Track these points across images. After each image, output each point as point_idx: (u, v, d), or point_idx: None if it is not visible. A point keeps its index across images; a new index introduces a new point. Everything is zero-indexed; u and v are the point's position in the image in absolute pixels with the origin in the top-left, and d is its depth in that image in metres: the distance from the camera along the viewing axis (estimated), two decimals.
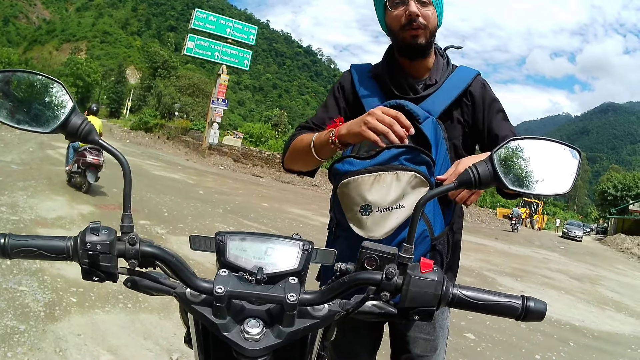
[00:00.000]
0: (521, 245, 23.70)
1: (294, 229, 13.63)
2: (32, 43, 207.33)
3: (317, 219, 16.94)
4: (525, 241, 26.89)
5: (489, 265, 13.99)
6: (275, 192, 25.04)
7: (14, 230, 7.98)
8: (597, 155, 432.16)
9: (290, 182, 33.73)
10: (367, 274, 1.16)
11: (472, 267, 12.99)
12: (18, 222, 8.54)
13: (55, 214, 9.82)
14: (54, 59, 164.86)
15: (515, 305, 1.16)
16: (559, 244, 30.62)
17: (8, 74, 1.31)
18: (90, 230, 1.14)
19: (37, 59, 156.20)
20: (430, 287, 1.12)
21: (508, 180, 1.22)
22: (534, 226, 53.09)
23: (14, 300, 5.27)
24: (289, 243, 1.26)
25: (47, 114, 1.28)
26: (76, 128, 1.26)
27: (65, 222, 9.21)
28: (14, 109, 1.30)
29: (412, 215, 1.20)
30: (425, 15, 2.13)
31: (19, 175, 14.00)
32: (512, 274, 13.39)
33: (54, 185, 13.36)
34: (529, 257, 19.20)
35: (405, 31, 2.15)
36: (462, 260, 9.64)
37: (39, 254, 1.15)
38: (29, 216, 9.12)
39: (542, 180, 1.25)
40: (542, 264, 17.65)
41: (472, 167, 1.23)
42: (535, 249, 23.58)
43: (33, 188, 12.12)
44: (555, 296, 11.38)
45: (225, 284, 1.10)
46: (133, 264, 1.16)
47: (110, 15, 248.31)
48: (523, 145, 1.25)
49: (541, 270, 15.63)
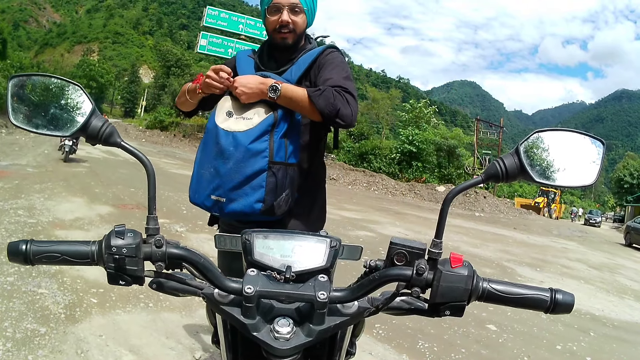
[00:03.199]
0: (539, 235, 23.55)
1: None
2: (43, 46, 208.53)
3: (336, 213, 16.99)
4: (544, 230, 26.70)
5: (508, 256, 13.89)
6: None
7: (31, 233, 8.02)
8: (612, 143, 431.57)
9: None
10: (398, 270, 1.15)
11: (492, 258, 12.93)
12: (36, 224, 8.57)
13: (73, 215, 9.84)
14: (66, 61, 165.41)
15: (544, 298, 1.16)
16: (577, 232, 30.39)
17: (23, 78, 1.30)
18: (115, 233, 1.13)
19: (49, 62, 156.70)
20: (460, 282, 1.12)
21: (534, 173, 1.22)
22: (552, 215, 52.83)
23: (33, 303, 5.27)
24: (316, 240, 1.25)
25: (66, 117, 1.27)
26: (97, 130, 1.25)
27: (83, 224, 9.23)
28: (31, 113, 1.29)
29: (440, 209, 1.20)
30: (295, 21, 2.68)
31: (35, 177, 14.07)
32: (531, 264, 13.29)
33: (71, 186, 13.40)
34: (547, 246, 19.05)
35: (277, 33, 2.69)
36: (481, 250, 9.58)
37: (62, 260, 1.14)
38: (46, 219, 9.15)
39: (567, 172, 1.25)
40: (561, 253, 17.53)
41: (499, 160, 1.23)
42: (553, 238, 23.44)
43: (50, 190, 12.17)
44: (575, 286, 11.29)
45: (254, 283, 1.10)
46: (160, 266, 1.15)
47: (121, 15, 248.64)
48: (548, 137, 1.25)
49: (560, 259, 15.51)
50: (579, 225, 44.17)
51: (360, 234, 13.33)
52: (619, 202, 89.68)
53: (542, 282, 10.89)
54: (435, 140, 45.73)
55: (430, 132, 46.63)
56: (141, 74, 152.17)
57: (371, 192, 33.10)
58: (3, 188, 11.94)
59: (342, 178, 34.99)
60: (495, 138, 56.51)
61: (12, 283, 5.69)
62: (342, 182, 34.20)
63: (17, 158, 18.65)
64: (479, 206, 32.53)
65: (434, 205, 29.93)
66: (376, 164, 44.33)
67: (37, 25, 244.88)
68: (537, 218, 37.39)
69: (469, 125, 69.42)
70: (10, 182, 12.82)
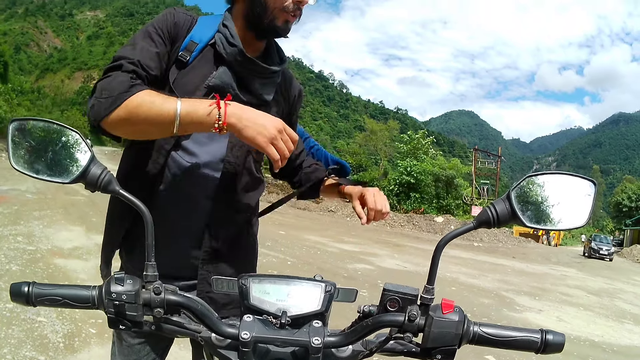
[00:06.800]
0: (538, 263, 23.53)
1: (311, 257, 13.79)
2: (44, 71, 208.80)
3: (335, 246, 17.05)
4: (543, 258, 26.68)
5: (506, 286, 13.89)
6: (292, 218, 25.01)
7: (30, 260, 8.04)
8: (610, 167, 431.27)
9: (307, 209, 33.95)
10: (390, 317, 1.18)
11: (490, 288, 12.93)
12: (35, 252, 8.58)
13: (72, 244, 9.86)
14: (66, 87, 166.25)
15: (534, 340, 1.17)
16: (576, 259, 30.32)
17: (23, 122, 1.32)
18: (115, 280, 1.15)
19: (50, 87, 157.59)
20: (451, 327, 1.14)
21: (526, 218, 1.24)
22: (551, 243, 52.59)
23: (32, 331, 5.29)
24: (311, 285, 1.26)
25: (66, 164, 1.29)
26: (96, 178, 1.27)
27: (82, 253, 9.24)
28: (31, 158, 1.30)
29: (432, 257, 1.22)
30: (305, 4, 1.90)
31: (34, 204, 14.10)
32: (530, 292, 13.31)
33: (70, 215, 13.42)
34: (546, 274, 19.08)
35: (284, 13, 1.88)
36: (480, 281, 9.65)
37: (63, 303, 1.17)
38: (45, 246, 9.17)
39: (559, 214, 1.27)
40: (560, 280, 17.57)
41: (490, 207, 1.25)
42: (552, 265, 23.44)
43: (49, 218, 12.20)
44: (574, 313, 11.29)
45: (250, 329, 1.12)
46: (159, 312, 1.17)
47: (121, 43, 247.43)
48: (539, 181, 1.27)
49: (559, 287, 15.55)
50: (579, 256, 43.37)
51: (359, 267, 13.36)
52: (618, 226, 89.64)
53: (540, 311, 10.92)
54: (433, 171, 45.86)
55: (428, 163, 46.77)
56: None
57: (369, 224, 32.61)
58: (2, 213, 11.98)
59: (341, 210, 34.92)
60: (494, 167, 56.60)
61: (12, 310, 5.71)
62: (340, 214, 34.15)
63: (17, 183, 18.74)
64: (477, 236, 32.44)
65: (432, 236, 29.97)
66: None
67: (38, 49, 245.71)
68: (536, 246, 37.31)
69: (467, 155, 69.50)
70: (9, 207, 12.86)
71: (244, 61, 1.92)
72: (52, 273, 7.78)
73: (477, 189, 50.35)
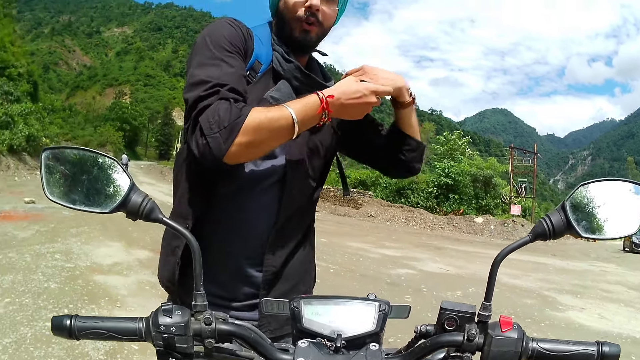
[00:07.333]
0: (578, 260, 23.29)
1: (354, 264, 13.73)
2: (74, 89, 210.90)
3: (377, 251, 17.02)
4: (582, 255, 26.39)
5: (548, 285, 13.81)
6: (332, 225, 25.01)
7: (69, 278, 8.11)
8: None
9: (347, 215, 34.08)
10: (449, 337, 1.17)
11: (532, 288, 12.84)
12: (73, 269, 8.65)
13: (111, 260, 9.94)
14: (98, 103, 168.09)
15: (591, 353, 1.15)
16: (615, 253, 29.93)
17: (56, 150, 1.28)
18: (163, 312, 1.13)
19: (81, 105, 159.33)
20: (511, 345, 1.13)
21: (581, 228, 1.23)
22: None
23: (73, 348, 5.32)
24: (364, 304, 1.22)
25: (104, 192, 1.25)
26: (137, 206, 1.24)
27: (122, 269, 9.30)
28: (66, 188, 1.27)
29: (490, 271, 1.20)
30: (325, 12, 1.89)
31: (71, 221, 14.20)
32: (571, 290, 13.24)
33: (108, 230, 13.52)
34: (586, 271, 18.97)
35: (299, 22, 1.87)
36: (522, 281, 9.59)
37: (108, 336, 1.14)
38: (84, 263, 9.23)
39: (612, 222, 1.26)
40: (600, 277, 17.44)
41: (545, 218, 1.24)
42: (592, 261, 23.21)
43: (86, 234, 12.30)
44: (615, 309, 11.22)
45: (306, 355, 1.11)
46: (210, 342, 1.15)
47: (151, 58, 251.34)
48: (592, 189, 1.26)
49: (599, 284, 15.42)
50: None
51: (402, 272, 13.30)
52: None
53: (583, 309, 10.86)
54: (471, 171, 45.54)
55: (465, 164, 46.48)
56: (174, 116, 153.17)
57: (410, 227, 32.96)
58: (39, 231, 12.11)
59: (381, 215, 35.05)
60: (530, 165, 56.11)
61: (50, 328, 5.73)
62: (380, 218, 34.24)
63: None
64: (517, 235, 32.21)
65: (472, 238, 30.00)
66: (414, 198, 44.13)
67: (67, 67, 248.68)
68: (575, 242, 36.85)
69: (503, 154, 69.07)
70: (46, 225, 13.00)
71: (301, 76, 1.90)
72: (92, 290, 7.82)
73: (515, 187, 49.98)
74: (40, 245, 10.41)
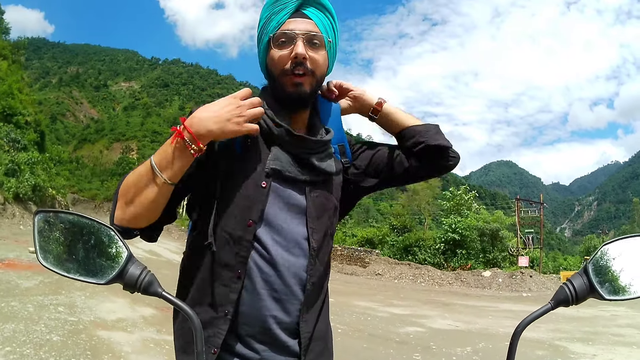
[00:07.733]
0: (587, 306, 22.98)
1: (362, 323, 13.62)
2: (81, 141, 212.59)
3: (385, 310, 16.92)
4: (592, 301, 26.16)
5: (559, 334, 13.76)
6: (339, 284, 24.84)
7: (72, 331, 8.09)
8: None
9: (354, 274, 34.11)
10: None
11: (543, 339, 12.68)
12: (77, 323, 8.59)
13: (116, 315, 9.87)
14: (105, 157, 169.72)
15: None
16: None
17: (50, 214, 1.20)
18: None
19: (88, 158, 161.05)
20: None
21: (604, 291, 1.22)
22: None
23: None
24: None
25: (100, 263, 1.21)
26: (135, 279, 1.19)
27: (126, 325, 9.22)
28: (61, 254, 1.20)
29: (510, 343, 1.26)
30: (314, 59, 1.82)
31: None
32: (582, 338, 13.30)
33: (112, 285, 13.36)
34: (597, 317, 18.92)
35: (288, 76, 1.81)
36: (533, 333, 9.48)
37: None
38: (87, 317, 9.17)
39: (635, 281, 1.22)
40: (611, 321, 17.45)
41: (567, 284, 1.23)
42: (601, 307, 23.05)
43: (91, 288, 12.19)
44: (627, 353, 11.25)
45: None
46: None
47: (158, 114, 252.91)
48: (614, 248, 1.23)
49: (610, 328, 15.45)
50: None
51: (410, 330, 13.17)
52: None
53: (594, 356, 10.88)
54: (477, 225, 45.58)
55: (472, 218, 46.54)
56: None
57: (418, 284, 32.83)
58: (43, 282, 12.10)
59: (388, 273, 35.00)
60: (537, 215, 56.21)
61: None
62: (387, 276, 34.19)
63: None
64: (525, 286, 32.05)
65: (480, 292, 29.91)
66: (421, 255, 44.03)
67: (74, 119, 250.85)
68: None
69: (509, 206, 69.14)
70: (50, 277, 12.90)
71: (292, 140, 1.84)
72: (95, 345, 7.73)
73: (522, 239, 49.93)
74: (43, 297, 10.38)
